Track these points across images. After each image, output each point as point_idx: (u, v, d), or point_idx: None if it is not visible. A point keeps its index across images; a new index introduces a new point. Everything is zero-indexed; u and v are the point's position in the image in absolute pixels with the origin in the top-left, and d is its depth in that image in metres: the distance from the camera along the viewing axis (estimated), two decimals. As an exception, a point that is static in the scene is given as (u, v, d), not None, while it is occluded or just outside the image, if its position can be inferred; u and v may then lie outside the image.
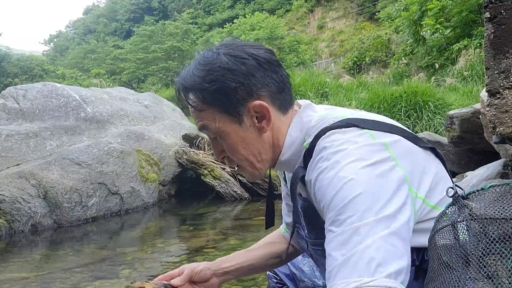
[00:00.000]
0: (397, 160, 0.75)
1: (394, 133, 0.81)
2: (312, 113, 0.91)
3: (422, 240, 0.76)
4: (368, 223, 0.66)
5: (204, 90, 0.85)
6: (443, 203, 0.76)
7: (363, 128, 0.81)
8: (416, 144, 0.83)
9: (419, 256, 0.78)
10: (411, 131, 0.90)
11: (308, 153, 0.85)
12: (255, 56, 0.87)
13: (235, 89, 0.84)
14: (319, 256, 0.97)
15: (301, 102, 0.96)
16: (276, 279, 1.34)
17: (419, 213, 0.76)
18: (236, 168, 0.96)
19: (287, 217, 1.19)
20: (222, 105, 0.86)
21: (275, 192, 1.19)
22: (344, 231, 0.68)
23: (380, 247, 0.63)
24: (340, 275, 0.65)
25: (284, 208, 1.19)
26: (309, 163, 0.82)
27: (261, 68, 0.87)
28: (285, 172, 1.10)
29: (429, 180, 0.80)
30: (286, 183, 1.12)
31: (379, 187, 0.70)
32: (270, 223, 1.10)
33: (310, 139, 0.86)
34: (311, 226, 0.95)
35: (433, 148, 0.88)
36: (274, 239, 1.23)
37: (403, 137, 0.82)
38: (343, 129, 0.81)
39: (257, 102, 0.86)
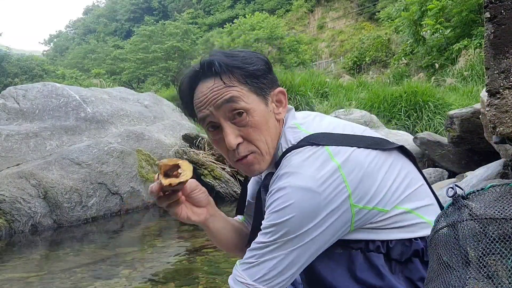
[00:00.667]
0: (346, 179, 0.85)
1: (353, 146, 0.89)
2: (292, 116, 1.01)
3: (380, 236, 0.88)
4: (282, 242, 0.85)
5: (241, 68, 0.93)
6: (410, 198, 0.89)
7: (323, 145, 0.89)
8: (379, 149, 0.91)
9: (384, 244, 0.87)
10: (379, 136, 0.97)
11: (277, 167, 0.94)
12: (266, 60, 0.99)
13: (266, 74, 0.95)
14: None
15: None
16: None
17: (366, 219, 0.87)
18: (240, 161, 0.97)
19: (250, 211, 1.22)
20: (254, 85, 0.94)
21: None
22: (264, 243, 0.86)
23: (276, 263, 0.85)
24: (248, 272, 0.87)
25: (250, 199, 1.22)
26: (272, 177, 0.92)
27: (272, 70, 0.99)
28: None
29: (388, 185, 0.88)
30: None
31: (309, 217, 0.83)
32: (241, 212, 1.19)
33: (280, 153, 0.96)
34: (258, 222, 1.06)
35: (401, 147, 0.96)
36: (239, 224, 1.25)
37: (364, 147, 0.90)
38: (301, 148, 0.90)
39: (280, 88, 0.98)
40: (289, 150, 0.92)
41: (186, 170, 0.94)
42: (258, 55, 0.97)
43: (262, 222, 0.89)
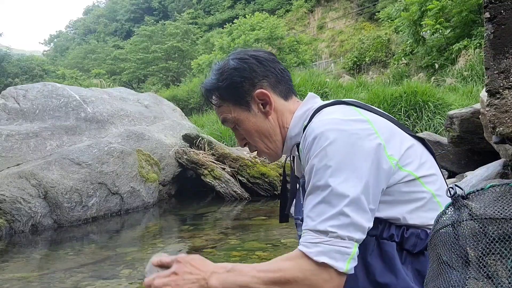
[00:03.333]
0: (377, 132, 0.89)
1: (381, 116, 0.97)
2: (316, 101, 1.09)
3: (398, 211, 0.89)
4: (335, 181, 0.83)
5: (219, 88, 1.07)
6: (428, 179, 0.92)
7: (351, 105, 0.98)
8: (403, 130, 0.97)
9: (399, 233, 0.89)
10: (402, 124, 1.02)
11: (304, 130, 0.98)
12: (255, 56, 1.08)
13: (241, 83, 1.05)
14: None
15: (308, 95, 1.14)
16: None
17: (396, 177, 0.88)
18: (256, 152, 1.13)
19: None
20: (233, 98, 1.06)
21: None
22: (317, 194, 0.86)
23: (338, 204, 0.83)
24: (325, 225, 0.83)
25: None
26: (302, 135, 0.97)
27: (261, 64, 1.07)
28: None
29: (414, 154, 0.92)
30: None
31: (352, 154, 0.85)
32: (284, 218, 1.18)
33: (308, 119, 1.02)
34: (297, 202, 1.09)
35: (422, 139, 1.00)
36: None
37: (390, 121, 0.97)
38: (331, 106, 0.99)
39: (259, 90, 1.05)
40: (317, 110, 1.00)
41: None
42: (236, 63, 1.06)
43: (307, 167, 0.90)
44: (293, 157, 1.19)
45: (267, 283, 0.83)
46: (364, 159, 0.85)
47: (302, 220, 0.95)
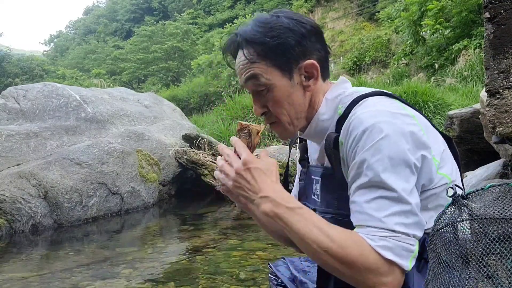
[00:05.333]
0: (423, 129, 0.85)
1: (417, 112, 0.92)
2: (347, 86, 1.02)
3: (425, 216, 0.83)
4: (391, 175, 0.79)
5: (264, 44, 0.93)
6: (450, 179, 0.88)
7: (392, 97, 0.93)
8: (436, 129, 0.95)
9: (419, 244, 0.82)
10: None
11: (342, 119, 0.92)
12: (312, 24, 0.97)
13: (293, 47, 0.93)
14: None
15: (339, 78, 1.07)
16: (277, 281, 1.33)
17: (435, 180, 0.85)
18: (270, 125, 1.02)
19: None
20: (277, 59, 0.93)
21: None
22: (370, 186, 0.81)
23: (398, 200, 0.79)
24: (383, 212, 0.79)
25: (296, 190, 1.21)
26: (344, 126, 0.90)
27: (314, 35, 0.97)
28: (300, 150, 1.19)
29: (447, 157, 0.90)
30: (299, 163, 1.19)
31: (406, 150, 0.81)
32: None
33: (344, 107, 0.94)
34: (325, 194, 1.01)
35: (449, 139, 0.98)
36: None
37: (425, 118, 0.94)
38: (374, 97, 0.92)
39: (310, 61, 0.95)
40: (358, 99, 0.92)
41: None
42: (293, 24, 0.94)
43: (351, 174, 0.84)
44: (302, 141, 1.14)
45: (325, 250, 0.77)
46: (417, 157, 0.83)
47: (335, 214, 0.94)
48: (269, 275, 1.36)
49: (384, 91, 0.96)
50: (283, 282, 1.29)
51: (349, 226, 0.85)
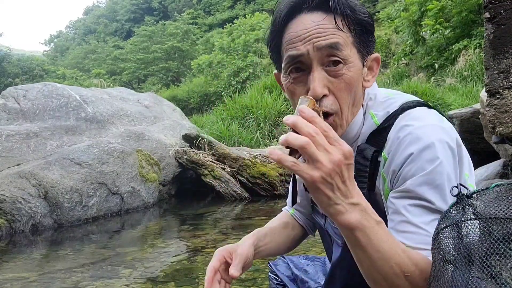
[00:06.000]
0: (460, 140, 0.84)
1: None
2: (376, 90, 0.94)
3: None
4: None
5: (356, 14, 0.83)
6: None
7: (431, 108, 0.88)
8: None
9: None
10: None
11: (381, 131, 0.85)
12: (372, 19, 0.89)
13: (372, 33, 0.87)
14: (336, 235, 0.98)
15: None
16: (277, 280, 1.33)
17: None
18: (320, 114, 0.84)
19: (303, 199, 1.17)
20: (360, 37, 0.84)
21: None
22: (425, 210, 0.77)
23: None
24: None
25: (301, 190, 1.14)
26: (389, 139, 0.83)
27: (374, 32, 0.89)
28: None
29: (469, 167, 0.90)
30: None
31: (454, 172, 0.80)
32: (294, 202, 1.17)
33: (382, 117, 0.87)
34: None
35: None
36: (286, 220, 1.21)
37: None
38: (418, 108, 0.85)
39: (376, 54, 0.89)
40: (398, 113, 0.85)
41: None
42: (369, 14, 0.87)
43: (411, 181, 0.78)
44: None
45: (407, 274, 0.69)
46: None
47: None
48: (269, 274, 1.36)
49: (421, 100, 0.90)
50: (283, 282, 1.29)
51: None
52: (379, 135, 0.85)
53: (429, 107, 0.89)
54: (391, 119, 0.85)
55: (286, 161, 0.63)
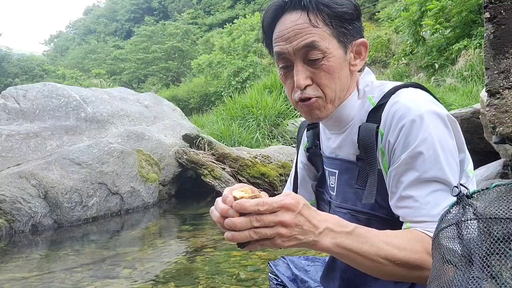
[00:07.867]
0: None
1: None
2: (372, 77, 1.00)
3: None
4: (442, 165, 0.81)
5: (330, 7, 0.88)
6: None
7: (423, 90, 0.92)
8: None
9: None
10: None
11: (377, 109, 0.90)
12: (357, 5, 0.94)
13: (353, 21, 0.92)
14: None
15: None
16: (277, 280, 1.33)
17: (461, 177, 0.91)
18: (303, 103, 0.93)
19: (305, 192, 1.20)
20: (338, 29, 0.90)
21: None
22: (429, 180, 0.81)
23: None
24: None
25: (304, 180, 1.19)
26: (383, 115, 0.88)
27: (360, 18, 0.95)
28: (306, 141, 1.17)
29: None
30: (307, 152, 1.16)
31: (449, 139, 0.84)
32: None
33: (378, 98, 0.92)
34: (341, 189, 0.99)
35: None
36: None
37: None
38: (410, 88, 0.91)
39: (363, 39, 0.94)
40: (392, 91, 0.90)
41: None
42: (356, 3, 0.93)
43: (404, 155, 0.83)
44: (310, 128, 1.12)
45: (397, 262, 0.73)
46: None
47: (350, 210, 0.93)
48: (269, 274, 1.36)
49: (415, 83, 0.95)
50: (283, 282, 1.29)
51: (366, 223, 0.85)
52: (376, 112, 0.90)
53: (423, 88, 0.93)
54: (386, 97, 0.90)
55: (255, 248, 0.72)
